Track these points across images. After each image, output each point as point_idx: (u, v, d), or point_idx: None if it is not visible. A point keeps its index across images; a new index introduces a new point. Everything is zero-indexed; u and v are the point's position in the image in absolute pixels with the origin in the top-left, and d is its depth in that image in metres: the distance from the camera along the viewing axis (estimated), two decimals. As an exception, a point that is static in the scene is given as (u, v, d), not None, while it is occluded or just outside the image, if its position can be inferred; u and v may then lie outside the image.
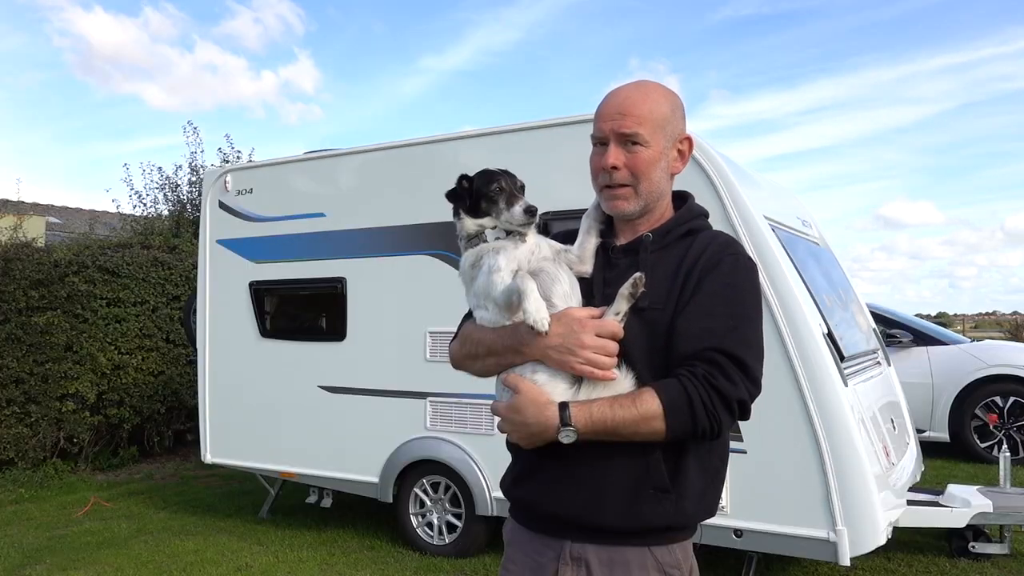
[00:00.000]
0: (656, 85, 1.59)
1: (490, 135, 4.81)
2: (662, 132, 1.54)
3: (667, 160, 1.57)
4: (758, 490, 3.86)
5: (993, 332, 24.36)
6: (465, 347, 1.64)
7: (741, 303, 1.49)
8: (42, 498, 6.80)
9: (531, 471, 1.57)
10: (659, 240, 1.56)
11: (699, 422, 1.40)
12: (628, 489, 1.46)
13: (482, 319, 1.59)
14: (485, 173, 1.62)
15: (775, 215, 4.39)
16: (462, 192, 1.63)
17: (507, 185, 1.59)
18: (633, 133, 1.52)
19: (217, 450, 5.80)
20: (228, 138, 20.73)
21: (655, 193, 1.57)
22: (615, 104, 1.55)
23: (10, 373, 7.11)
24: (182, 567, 4.83)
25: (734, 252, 1.54)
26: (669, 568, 1.49)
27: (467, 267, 1.61)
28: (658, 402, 1.40)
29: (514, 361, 1.53)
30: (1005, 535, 4.55)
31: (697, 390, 1.40)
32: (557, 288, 1.53)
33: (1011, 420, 7.12)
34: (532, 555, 1.57)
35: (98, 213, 16.46)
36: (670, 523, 1.48)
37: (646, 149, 1.52)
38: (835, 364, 3.81)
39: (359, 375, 5.16)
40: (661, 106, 1.54)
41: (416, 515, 5.06)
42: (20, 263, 7.27)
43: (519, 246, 1.57)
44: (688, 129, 1.62)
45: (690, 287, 1.48)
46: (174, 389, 8.15)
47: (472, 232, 1.61)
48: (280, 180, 5.63)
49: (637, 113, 1.52)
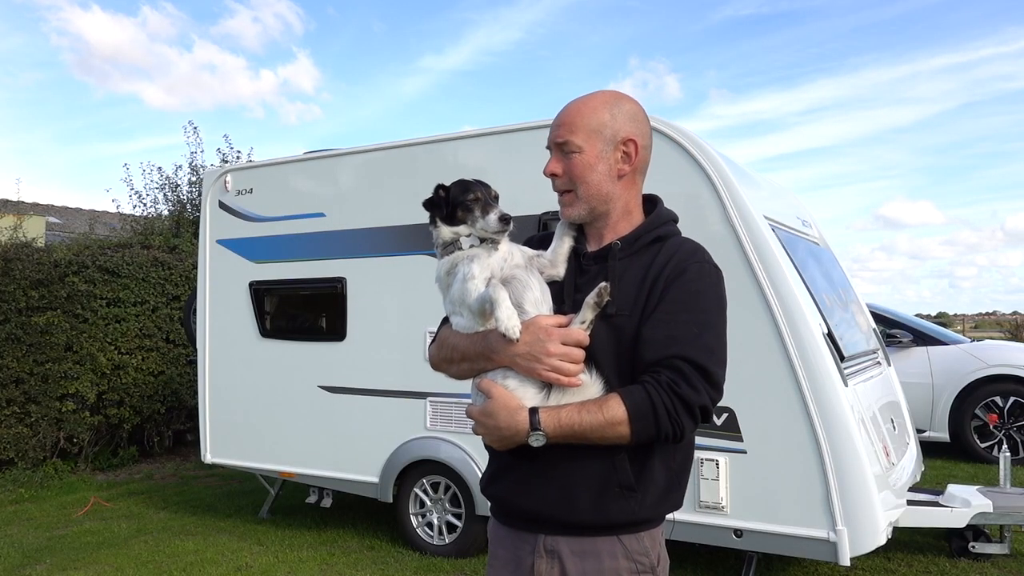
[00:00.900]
0: (602, 93, 1.66)
1: (490, 135, 4.81)
2: (598, 137, 1.61)
3: (607, 163, 1.62)
4: (758, 490, 3.86)
5: (993, 332, 24.34)
6: (442, 351, 1.72)
7: (704, 311, 1.55)
8: (42, 498, 6.80)
9: (505, 470, 1.64)
10: (627, 247, 1.62)
11: (662, 428, 1.47)
12: (596, 487, 1.53)
13: (457, 325, 1.67)
14: (461, 183, 1.68)
15: (775, 215, 4.39)
16: (439, 201, 1.69)
17: (482, 195, 1.66)
18: (565, 141, 1.61)
19: (217, 450, 5.80)
20: (227, 138, 20.50)
21: (598, 196, 1.63)
22: (557, 116, 1.65)
23: (10, 373, 7.10)
24: (182, 567, 4.83)
25: (699, 260, 1.60)
26: (637, 555, 1.56)
27: (442, 274, 1.68)
28: (623, 408, 1.46)
29: (485, 367, 1.60)
30: (1005, 535, 4.55)
31: (661, 397, 1.46)
32: (528, 295, 1.60)
33: (1011, 420, 7.12)
34: (512, 550, 1.64)
35: (98, 213, 16.47)
36: (636, 519, 1.56)
37: (580, 155, 1.60)
38: (835, 364, 3.81)
39: (359, 375, 5.16)
40: (598, 112, 1.61)
41: (416, 515, 5.06)
42: (20, 263, 7.27)
43: (492, 254, 1.64)
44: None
45: (656, 295, 1.54)
46: (174, 389, 8.15)
47: (448, 239, 1.68)
48: (280, 180, 5.63)
49: (570, 122, 1.61)
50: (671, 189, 4.10)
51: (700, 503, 3.96)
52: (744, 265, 3.89)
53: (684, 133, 4.12)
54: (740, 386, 3.88)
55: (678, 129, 4.13)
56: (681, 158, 4.09)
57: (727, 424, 3.93)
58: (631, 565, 1.55)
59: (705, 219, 4.01)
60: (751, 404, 3.89)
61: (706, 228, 4.00)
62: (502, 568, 1.66)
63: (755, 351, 3.84)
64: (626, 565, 1.55)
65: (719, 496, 3.91)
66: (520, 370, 1.54)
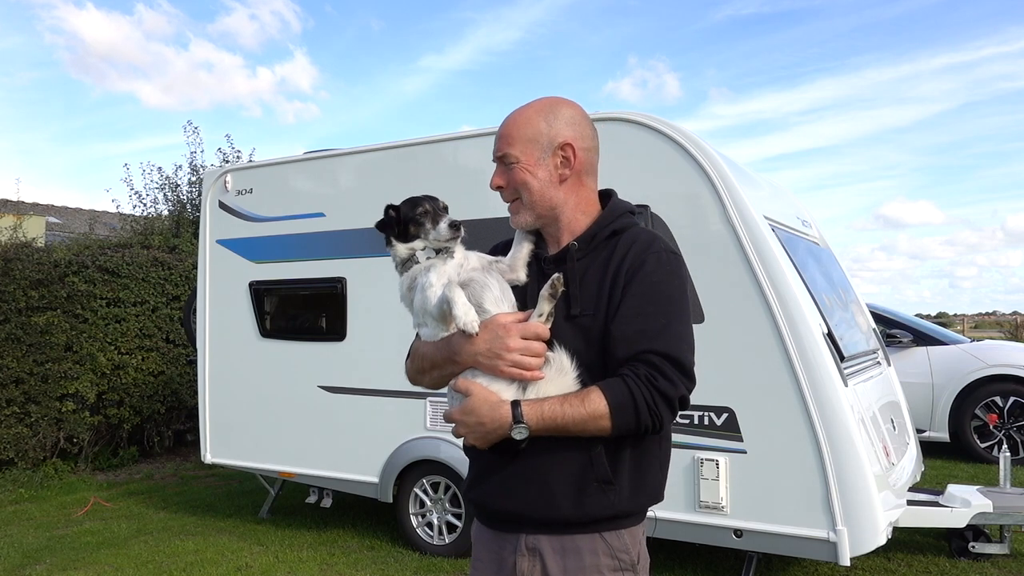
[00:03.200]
0: (538, 102, 1.70)
1: (490, 135, 4.79)
2: (534, 145, 1.65)
3: (547, 170, 1.65)
4: (758, 490, 3.86)
5: (993, 332, 24.35)
6: (414, 363, 1.76)
7: (668, 300, 1.58)
8: (42, 498, 6.80)
9: (486, 473, 1.67)
10: (584, 246, 1.66)
11: (642, 420, 1.50)
12: (573, 483, 1.56)
13: (425, 335, 1.72)
14: (410, 200, 1.75)
15: (775, 215, 4.39)
16: (390, 220, 1.75)
17: (431, 207, 1.72)
18: (504, 154, 1.67)
19: (217, 450, 5.81)
20: (228, 138, 20.73)
21: (542, 203, 1.67)
22: (498, 129, 1.70)
23: (10, 373, 7.10)
24: (182, 567, 4.83)
25: (656, 251, 1.62)
26: (618, 552, 1.58)
27: (405, 291, 1.74)
28: (605, 402, 1.49)
29: (453, 371, 1.64)
30: (1005, 535, 4.55)
31: (640, 391, 1.49)
32: (488, 294, 1.63)
33: (1011, 420, 7.12)
34: (495, 551, 1.67)
35: (98, 213, 16.46)
36: (616, 512, 1.57)
37: (519, 165, 1.65)
38: (835, 364, 3.81)
39: (359, 375, 5.16)
40: (533, 122, 1.66)
41: (416, 515, 5.06)
42: (20, 263, 7.26)
43: (448, 262, 1.69)
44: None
45: (618, 291, 1.57)
46: (174, 389, 8.15)
47: (404, 256, 1.74)
48: (280, 180, 5.63)
49: (507, 134, 1.67)
50: (671, 189, 4.14)
51: (700, 503, 3.96)
52: (744, 265, 3.89)
53: (684, 133, 4.12)
54: (740, 386, 3.89)
55: (678, 129, 4.13)
56: (681, 158, 4.09)
57: (727, 424, 3.93)
58: (612, 562, 1.57)
59: (705, 219, 4.01)
60: (751, 404, 3.89)
61: (706, 228, 4.00)
62: (485, 569, 1.68)
63: (755, 351, 3.84)
64: (607, 562, 1.56)
65: (719, 496, 3.91)
66: (484, 368, 1.57)
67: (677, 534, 4.04)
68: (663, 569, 4.46)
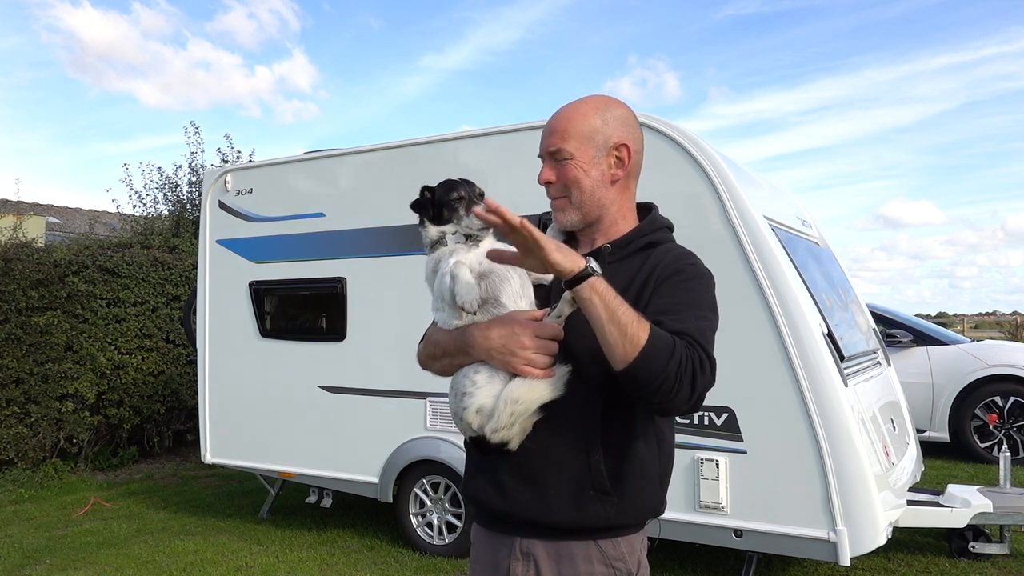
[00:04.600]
0: (592, 98, 1.66)
1: (490, 135, 4.81)
2: (590, 143, 1.60)
3: (600, 169, 1.62)
4: (758, 490, 3.86)
5: (993, 332, 24.34)
6: (427, 348, 1.74)
7: (701, 306, 1.51)
8: (42, 498, 6.80)
9: (482, 471, 1.64)
10: (618, 251, 1.62)
11: (667, 375, 1.35)
12: (570, 490, 1.53)
13: (439, 320, 1.68)
14: (446, 183, 1.69)
15: (775, 215, 4.39)
16: (425, 202, 1.70)
17: (467, 193, 1.66)
18: (557, 150, 1.61)
19: (217, 450, 5.81)
20: (228, 137, 20.78)
21: (591, 202, 1.62)
22: (548, 124, 1.65)
23: (10, 373, 7.10)
24: (182, 567, 4.83)
25: (694, 262, 1.60)
26: (614, 560, 1.54)
27: (429, 272, 1.70)
28: (648, 334, 1.37)
29: (464, 361, 1.60)
30: (1005, 535, 4.55)
31: (683, 353, 1.38)
32: (506, 288, 1.59)
33: (1011, 420, 7.12)
34: (491, 553, 1.65)
35: (98, 213, 16.48)
36: (611, 523, 1.53)
37: (573, 162, 1.60)
38: (835, 364, 3.81)
39: (359, 375, 5.16)
40: (589, 119, 1.61)
41: (416, 515, 5.06)
42: (20, 263, 7.26)
43: (472, 250, 1.64)
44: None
45: (646, 295, 1.52)
46: (174, 389, 8.15)
47: (435, 238, 1.68)
48: (280, 180, 5.63)
49: (562, 129, 1.61)
50: (671, 189, 4.14)
51: (700, 503, 3.96)
52: (744, 265, 3.89)
53: (684, 133, 4.12)
54: (740, 386, 3.89)
55: (678, 129, 4.13)
56: (681, 158, 4.09)
57: (727, 424, 3.93)
58: (608, 571, 1.53)
59: (705, 219, 4.01)
60: (751, 404, 3.89)
61: (706, 228, 4.00)
62: (481, 572, 1.67)
63: (755, 351, 3.84)
64: (602, 570, 1.53)
65: (719, 496, 3.91)
66: (496, 363, 1.54)
67: (677, 534, 4.04)
68: (663, 569, 4.46)
